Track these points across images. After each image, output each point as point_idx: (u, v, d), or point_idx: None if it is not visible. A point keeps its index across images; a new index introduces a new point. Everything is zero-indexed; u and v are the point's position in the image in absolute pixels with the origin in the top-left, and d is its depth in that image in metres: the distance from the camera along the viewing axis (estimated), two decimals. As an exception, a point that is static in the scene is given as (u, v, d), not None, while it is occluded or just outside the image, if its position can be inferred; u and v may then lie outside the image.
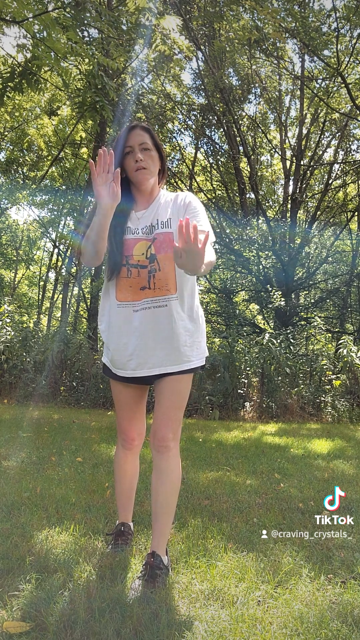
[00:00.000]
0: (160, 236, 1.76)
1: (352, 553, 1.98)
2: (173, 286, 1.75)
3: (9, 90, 4.99)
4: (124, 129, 1.84)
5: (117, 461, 1.98)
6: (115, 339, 1.79)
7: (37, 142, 15.36)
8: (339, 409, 7.01)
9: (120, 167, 1.81)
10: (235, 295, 15.34)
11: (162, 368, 1.76)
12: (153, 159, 1.82)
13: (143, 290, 1.75)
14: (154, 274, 1.75)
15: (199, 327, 1.85)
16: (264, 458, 3.87)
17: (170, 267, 1.75)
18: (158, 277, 1.74)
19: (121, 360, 1.79)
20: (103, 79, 5.41)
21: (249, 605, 1.54)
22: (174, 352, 1.76)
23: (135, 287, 1.76)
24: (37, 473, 3.06)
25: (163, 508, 1.74)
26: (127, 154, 1.80)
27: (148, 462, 3.20)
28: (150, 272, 1.75)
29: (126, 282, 1.77)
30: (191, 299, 1.82)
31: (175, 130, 14.10)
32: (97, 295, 10.48)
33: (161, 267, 1.75)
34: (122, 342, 1.78)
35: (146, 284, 1.75)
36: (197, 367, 1.82)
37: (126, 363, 1.78)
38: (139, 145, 1.79)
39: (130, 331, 1.76)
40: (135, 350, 1.76)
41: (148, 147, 1.81)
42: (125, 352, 1.77)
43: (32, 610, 1.45)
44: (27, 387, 7.23)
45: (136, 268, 1.76)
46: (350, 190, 15.35)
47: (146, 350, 1.75)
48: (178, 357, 1.76)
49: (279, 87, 13.16)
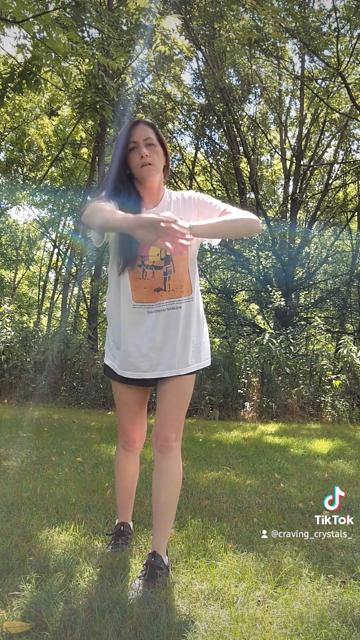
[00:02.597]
0: None
1: (352, 553, 1.98)
2: (187, 288, 1.75)
3: (8, 91, 4.99)
4: (126, 125, 1.79)
5: (118, 462, 1.97)
6: (128, 339, 1.76)
7: (37, 142, 15.37)
8: (339, 409, 7.01)
9: (124, 163, 1.77)
10: (235, 295, 15.34)
11: (175, 370, 1.75)
12: (158, 155, 1.77)
13: (158, 292, 1.72)
14: (170, 275, 1.73)
15: (204, 326, 1.86)
16: (264, 458, 3.87)
17: (185, 268, 1.74)
18: (173, 279, 1.73)
19: (132, 362, 1.77)
20: (103, 79, 5.40)
21: (249, 605, 1.54)
22: (185, 353, 1.76)
23: (149, 288, 1.73)
24: (37, 473, 3.06)
25: (164, 508, 1.73)
26: (132, 150, 1.75)
27: (148, 462, 3.20)
28: (165, 274, 1.73)
29: (141, 284, 1.73)
30: (199, 300, 1.83)
31: (176, 131, 14.11)
32: (97, 295, 10.48)
33: (176, 269, 1.73)
34: (135, 342, 1.75)
35: (161, 285, 1.72)
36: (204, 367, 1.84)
37: (138, 364, 1.76)
38: (143, 140, 1.74)
39: (143, 332, 1.74)
40: (148, 352, 1.74)
41: (153, 143, 1.76)
42: (138, 353, 1.75)
43: (32, 610, 1.45)
44: (27, 387, 7.23)
45: (151, 269, 1.72)
46: (350, 190, 15.35)
47: (159, 352, 1.74)
48: (188, 359, 1.77)
49: (279, 87, 13.17)
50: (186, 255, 1.74)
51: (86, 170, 15.40)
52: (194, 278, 1.78)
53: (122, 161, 1.77)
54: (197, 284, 1.81)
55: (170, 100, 13.04)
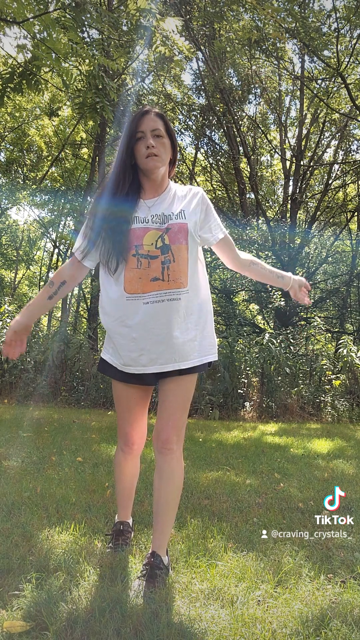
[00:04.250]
0: (175, 226, 1.69)
1: (352, 553, 1.98)
2: (186, 279, 1.69)
3: (8, 91, 4.99)
4: (136, 113, 1.74)
5: (117, 463, 1.95)
6: (125, 333, 1.70)
7: (37, 143, 15.38)
8: (339, 408, 7.01)
9: (130, 152, 1.73)
10: (235, 295, 15.34)
11: (176, 364, 1.70)
12: (165, 147, 1.72)
13: (155, 282, 1.66)
14: (168, 265, 1.67)
15: (210, 322, 1.80)
16: (264, 458, 3.87)
17: (183, 258, 1.69)
18: (172, 269, 1.67)
19: (131, 356, 1.71)
20: (104, 80, 5.41)
21: (249, 605, 1.54)
22: (185, 347, 1.70)
23: (145, 278, 1.66)
24: (38, 473, 3.07)
25: (164, 509, 1.72)
26: (139, 140, 1.71)
27: (149, 462, 3.20)
28: (164, 263, 1.67)
29: (136, 273, 1.67)
30: (202, 292, 1.78)
31: (176, 131, 14.07)
32: (97, 295, 10.47)
33: (175, 259, 1.67)
34: (132, 336, 1.69)
35: (159, 275, 1.66)
36: (206, 363, 1.78)
37: (137, 358, 1.70)
38: (151, 131, 1.70)
39: (140, 325, 1.67)
40: (146, 345, 1.68)
41: (161, 134, 1.71)
42: (137, 347, 1.69)
43: (32, 610, 1.45)
44: (28, 387, 7.23)
45: (146, 259, 1.67)
46: (350, 191, 15.35)
47: (157, 345, 1.68)
48: (190, 354, 1.71)
49: (279, 87, 13.17)
50: (185, 245, 1.70)
51: (86, 170, 15.41)
52: (193, 271, 1.73)
53: (128, 150, 1.72)
54: (200, 277, 1.77)
55: (170, 101, 13.06)
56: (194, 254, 1.74)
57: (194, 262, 1.74)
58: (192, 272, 1.73)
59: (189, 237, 1.70)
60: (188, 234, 1.70)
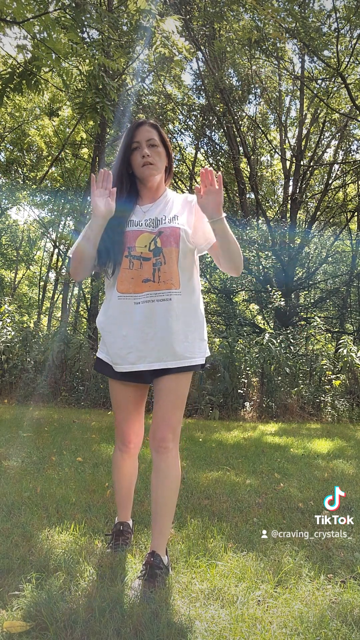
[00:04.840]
0: (167, 230, 1.76)
1: (352, 553, 1.98)
2: (177, 281, 1.75)
3: (8, 91, 4.99)
4: (131, 125, 1.84)
5: (115, 463, 1.96)
6: (115, 330, 1.77)
7: (37, 143, 15.38)
8: (339, 408, 7.01)
9: (127, 162, 1.82)
10: (235, 295, 15.34)
11: (162, 363, 1.74)
12: (160, 156, 1.82)
13: (146, 283, 1.73)
14: (160, 267, 1.74)
15: (201, 325, 1.84)
16: (264, 458, 3.87)
17: (174, 261, 1.75)
18: (163, 271, 1.73)
19: (120, 354, 1.76)
20: (104, 80, 5.41)
21: (248, 605, 1.54)
22: (174, 347, 1.73)
23: (137, 279, 1.74)
24: (38, 473, 3.07)
25: (163, 508, 1.73)
26: (135, 150, 1.81)
27: (148, 462, 3.20)
28: (155, 265, 1.74)
29: (128, 274, 1.75)
30: (194, 295, 1.82)
31: (176, 131, 14.12)
32: (97, 295, 10.48)
33: (167, 261, 1.74)
34: (122, 334, 1.75)
35: (150, 276, 1.73)
36: (197, 365, 1.81)
37: (125, 356, 1.75)
38: (146, 141, 1.80)
39: (130, 323, 1.74)
40: (135, 343, 1.73)
41: (155, 144, 1.81)
42: (125, 345, 1.75)
43: (32, 610, 1.45)
44: (28, 387, 7.24)
45: (138, 260, 1.75)
46: (350, 191, 15.36)
47: (146, 343, 1.73)
48: (178, 353, 1.75)
49: (279, 87, 13.17)
50: (176, 248, 1.75)
51: (86, 170, 15.41)
52: (186, 274, 1.78)
53: (125, 160, 1.83)
54: (191, 279, 1.81)
55: (170, 101, 13.05)
56: (187, 257, 1.80)
57: (188, 265, 1.80)
58: (185, 275, 1.78)
59: (180, 241, 1.76)
60: (180, 238, 1.76)
